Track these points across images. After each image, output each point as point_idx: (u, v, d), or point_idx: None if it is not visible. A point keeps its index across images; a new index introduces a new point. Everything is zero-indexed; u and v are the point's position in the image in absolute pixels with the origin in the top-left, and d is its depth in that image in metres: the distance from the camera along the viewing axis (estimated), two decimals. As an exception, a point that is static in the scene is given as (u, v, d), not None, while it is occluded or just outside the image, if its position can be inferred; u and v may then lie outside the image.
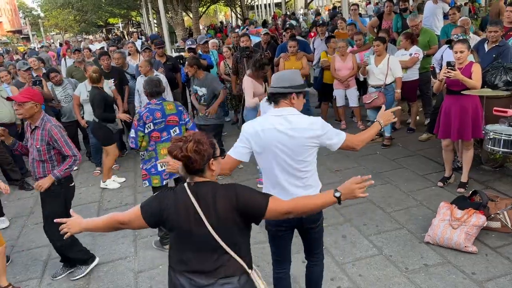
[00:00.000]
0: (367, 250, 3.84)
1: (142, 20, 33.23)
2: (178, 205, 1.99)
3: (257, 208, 2.01)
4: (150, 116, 3.96)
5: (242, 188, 2.04)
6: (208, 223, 1.96)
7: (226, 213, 1.97)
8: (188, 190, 2.00)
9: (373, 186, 5.08)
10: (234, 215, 1.98)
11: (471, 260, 3.52)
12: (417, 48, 6.20)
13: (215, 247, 1.99)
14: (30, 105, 3.45)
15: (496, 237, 3.79)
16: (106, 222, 2.16)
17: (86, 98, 6.18)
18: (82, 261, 3.96)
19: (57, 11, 37.80)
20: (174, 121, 4.07)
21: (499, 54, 5.12)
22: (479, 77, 4.36)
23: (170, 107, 4.08)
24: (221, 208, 1.96)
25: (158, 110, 3.99)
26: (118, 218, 2.12)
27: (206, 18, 37.98)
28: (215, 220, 1.96)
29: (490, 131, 3.76)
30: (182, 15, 18.72)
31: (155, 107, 4.00)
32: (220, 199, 1.98)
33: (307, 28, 15.92)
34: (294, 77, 2.52)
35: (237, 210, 1.98)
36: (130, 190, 5.82)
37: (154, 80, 4.15)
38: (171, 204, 2.00)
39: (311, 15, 22.83)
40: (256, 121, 2.57)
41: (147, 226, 2.07)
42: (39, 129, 3.53)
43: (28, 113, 3.47)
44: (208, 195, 1.98)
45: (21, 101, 3.42)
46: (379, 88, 6.07)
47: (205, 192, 1.99)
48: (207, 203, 1.97)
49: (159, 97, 4.10)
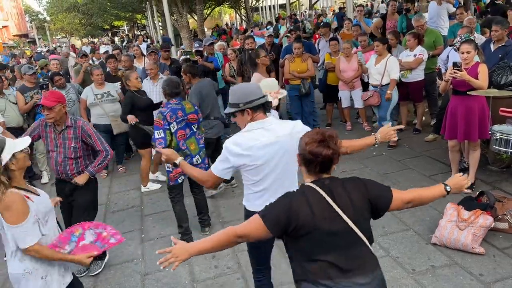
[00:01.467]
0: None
1: (147, 23, 33.37)
2: (313, 206, 1.89)
3: (385, 197, 1.99)
4: (173, 116, 4.05)
5: (366, 179, 2.05)
6: (347, 216, 1.89)
7: (361, 204, 1.94)
8: (317, 188, 1.93)
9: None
10: (367, 206, 1.96)
11: (479, 262, 3.51)
12: (422, 49, 6.20)
13: (357, 242, 1.92)
14: (59, 108, 3.54)
15: (503, 238, 3.77)
16: (219, 239, 1.99)
17: (93, 102, 6.23)
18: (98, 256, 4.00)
19: (63, 15, 38.02)
20: (194, 118, 4.23)
21: (505, 54, 5.11)
22: (486, 77, 4.35)
23: (189, 106, 4.23)
24: (356, 200, 1.93)
25: (179, 109, 4.10)
26: (236, 232, 1.97)
27: (210, 20, 38.05)
28: (353, 213, 1.91)
29: (497, 131, 3.74)
30: (187, 17, 18.78)
31: (176, 107, 4.10)
32: (353, 191, 1.95)
33: (311, 29, 15.90)
34: (243, 93, 2.50)
35: (369, 200, 1.96)
36: (136, 192, 5.85)
37: (174, 81, 4.25)
38: (304, 207, 1.89)
39: (313, 16, 22.81)
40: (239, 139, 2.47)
41: (269, 236, 1.94)
42: (70, 128, 3.64)
43: (58, 115, 3.57)
44: (339, 189, 1.94)
45: (51, 106, 3.50)
46: (376, 87, 6.13)
47: (336, 187, 1.95)
48: (341, 197, 1.92)
49: (178, 97, 4.20)
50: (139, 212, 5.26)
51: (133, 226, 4.88)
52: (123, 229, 4.79)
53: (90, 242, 2.64)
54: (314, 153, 1.89)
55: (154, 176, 6.07)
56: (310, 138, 1.94)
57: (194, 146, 4.24)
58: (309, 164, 1.95)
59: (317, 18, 20.11)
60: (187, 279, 3.80)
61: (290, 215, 1.89)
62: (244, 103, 2.46)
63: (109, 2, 26.67)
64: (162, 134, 4.03)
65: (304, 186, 1.99)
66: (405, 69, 6.18)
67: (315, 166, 1.94)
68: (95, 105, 6.25)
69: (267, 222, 1.91)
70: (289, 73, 6.85)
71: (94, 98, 6.24)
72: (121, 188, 6.01)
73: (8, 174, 2.40)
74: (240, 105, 2.47)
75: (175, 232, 4.62)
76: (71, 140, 3.65)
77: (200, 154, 4.30)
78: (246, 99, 2.46)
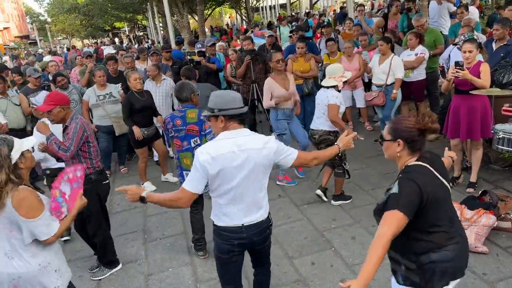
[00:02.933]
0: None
1: (148, 24, 33.40)
2: (430, 180, 2.08)
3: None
4: (170, 123, 3.90)
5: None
6: (448, 184, 2.17)
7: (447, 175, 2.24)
8: (425, 164, 2.12)
9: (382, 187, 5.08)
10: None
11: (482, 261, 3.50)
12: (423, 48, 6.19)
13: (451, 204, 2.22)
14: (57, 110, 3.55)
15: (506, 237, 3.77)
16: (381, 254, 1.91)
17: (95, 103, 6.25)
18: (108, 263, 4.03)
19: (64, 16, 38.13)
20: (194, 130, 3.87)
21: (507, 53, 5.11)
22: (488, 76, 4.35)
23: (192, 115, 3.87)
24: (445, 170, 2.24)
25: (179, 118, 3.88)
26: (389, 236, 1.93)
27: (211, 21, 38.08)
28: (446, 181, 2.18)
29: (499, 130, 3.74)
30: (187, 18, 18.80)
31: (177, 114, 3.91)
32: (441, 162, 2.27)
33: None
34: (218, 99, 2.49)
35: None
36: (139, 193, 5.84)
37: (181, 86, 3.99)
38: (427, 184, 2.04)
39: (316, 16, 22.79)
40: (210, 146, 2.46)
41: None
42: (68, 127, 3.62)
43: (58, 117, 3.58)
44: (436, 160, 2.21)
45: (47, 110, 3.52)
46: (381, 87, 6.10)
47: (433, 159, 2.19)
48: (440, 168, 2.17)
49: (187, 103, 3.94)
50: (141, 212, 5.27)
51: (136, 227, 4.89)
52: (126, 230, 4.80)
53: (71, 190, 2.72)
54: (434, 128, 2.13)
55: (164, 178, 6.08)
56: (416, 119, 2.13)
57: (189, 162, 3.87)
58: (415, 144, 2.14)
59: (318, 17, 20.10)
60: (190, 279, 3.80)
61: (421, 197, 2.01)
62: (219, 109, 2.46)
63: (110, 3, 26.70)
64: (166, 137, 3.97)
65: (415, 166, 2.12)
66: (407, 69, 6.18)
67: (420, 143, 2.15)
68: (97, 106, 6.27)
69: (408, 213, 1.98)
70: (292, 73, 6.84)
71: (96, 99, 6.25)
72: (123, 189, 6.03)
73: (17, 173, 2.43)
74: (215, 110, 2.47)
75: (178, 233, 4.64)
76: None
77: None
78: (222, 106, 2.45)
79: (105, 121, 6.30)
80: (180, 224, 4.83)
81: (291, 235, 4.27)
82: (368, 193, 4.96)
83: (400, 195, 2.00)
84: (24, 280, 2.50)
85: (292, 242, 4.14)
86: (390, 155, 2.24)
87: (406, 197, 1.99)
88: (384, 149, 2.26)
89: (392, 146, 2.18)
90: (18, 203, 2.37)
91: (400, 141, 2.14)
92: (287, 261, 3.88)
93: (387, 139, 2.20)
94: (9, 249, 2.47)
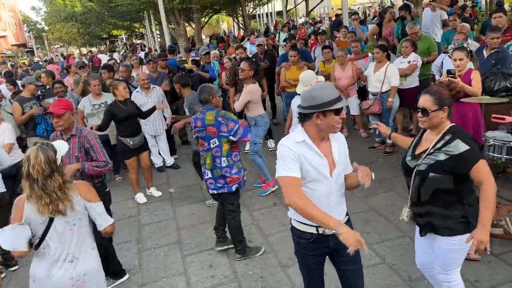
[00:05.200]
0: (370, 259, 3.84)
1: (145, 32, 33.51)
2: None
3: None
4: (193, 123, 4.07)
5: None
6: None
7: None
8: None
9: (376, 194, 5.09)
10: None
11: (474, 268, 3.52)
12: (416, 55, 6.24)
13: None
14: (68, 115, 3.59)
15: (499, 243, 3.78)
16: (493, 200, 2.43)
17: (90, 112, 6.26)
18: (113, 274, 4.00)
19: (61, 24, 38.21)
20: (212, 132, 3.94)
21: (498, 60, 5.14)
22: (479, 84, 4.40)
23: (210, 117, 3.96)
24: None
25: (199, 119, 4.01)
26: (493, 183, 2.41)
27: (208, 28, 38.24)
28: None
29: (490, 138, 3.77)
30: (184, 26, 18.88)
31: (199, 116, 4.05)
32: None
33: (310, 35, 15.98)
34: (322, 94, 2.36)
35: None
36: (134, 202, 5.85)
37: (202, 89, 4.09)
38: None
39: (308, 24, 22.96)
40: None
41: None
42: (75, 137, 3.65)
43: (68, 123, 3.63)
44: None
45: (61, 113, 3.55)
46: (376, 95, 6.13)
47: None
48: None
49: (207, 105, 4.05)
50: (136, 222, 5.26)
51: (130, 236, 4.88)
52: (120, 239, 4.79)
53: None
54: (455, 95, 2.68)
55: (148, 192, 6.02)
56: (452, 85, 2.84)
57: (209, 161, 4.01)
58: (452, 108, 2.52)
59: (313, 25, 20.22)
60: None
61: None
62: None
63: (107, 12, 26.75)
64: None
65: (457, 127, 2.54)
66: (400, 76, 6.21)
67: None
68: (93, 116, 6.27)
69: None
70: (285, 81, 6.89)
71: (92, 108, 6.26)
72: (118, 198, 6.01)
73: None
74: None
75: (172, 242, 4.63)
76: (75, 149, 3.64)
77: (213, 172, 4.00)
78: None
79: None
80: (174, 233, 4.83)
81: (286, 243, 4.27)
82: (361, 200, 4.97)
83: (472, 148, 2.40)
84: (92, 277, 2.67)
85: (287, 250, 4.14)
86: (434, 123, 2.52)
87: (477, 148, 2.44)
88: (427, 119, 2.53)
89: (438, 114, 2.49)
90: (85, 193, 2.60)
91: (446, 108, 2.49)
92: (281, 269, 3.88)
93: (433, 109, 2.48)
94: (91, 242, 2.69)
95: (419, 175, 2.57)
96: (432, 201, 2.57)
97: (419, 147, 2.68)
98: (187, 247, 4.48)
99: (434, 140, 2.54)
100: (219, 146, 3.94)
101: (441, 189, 2.52)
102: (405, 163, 2.71)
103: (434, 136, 2.56)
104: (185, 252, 4.39)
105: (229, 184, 3.98)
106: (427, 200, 2.59)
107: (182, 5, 16.09)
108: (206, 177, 4.10)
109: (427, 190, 2.56)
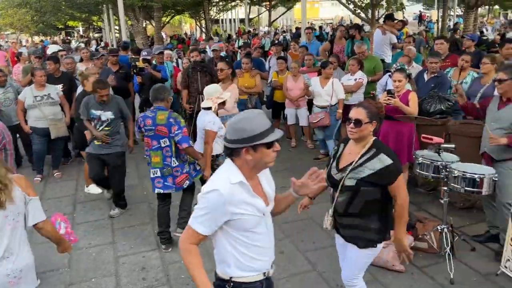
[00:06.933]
0: (302, 266, 3.93)
1: (103, 26, 32.54)
2: None
3: None
4: (142, 122, 4.11)
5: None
6: None
7: None
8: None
9: (315, 204, 5.19)
10: None
11: (398, 279, 3.69)
12: (362, 73, 6.50)
13: None
14: None
15: (423, 257, 3.99)
16: None
17: (32, 104, 5.99)
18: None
19: (14, 10, 36.30)
20: (163, 131, 4.01)
21: (437, 84, 5.45)
22: (416, 104, 4.66)
23: (161, 117, 4.02)
24: None
25: (149, 118, 4.06)
26: None
27: (170, 28, 37.77)
28: None
29: (419, 156, 3.99)
30: (143, 23, 18.56)
31: (148, 115, 4.10)
32: None
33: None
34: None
35: None
36: (70, 199, 5.65)
37: (155, 88, 4.15)
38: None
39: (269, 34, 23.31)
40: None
41: None
42: None
43: None
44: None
45: None
46: (325, 108, 6.31)
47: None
48: None
49: (161, 104, 4.07)
50: (70, 220, 5.06)
51: (63, 234, 4.70)
52: (52, 237, 4.60)
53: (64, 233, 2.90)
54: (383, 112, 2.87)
55: (86, 190, 5.81)
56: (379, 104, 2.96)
57: (158, 160, 4.10)
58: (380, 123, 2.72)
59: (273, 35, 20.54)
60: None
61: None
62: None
63: (64, 1, 25.80)
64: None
65: (379, 141, 2.73)
66: (346, 92, 6.44)
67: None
68: (34, 107, 6.01)
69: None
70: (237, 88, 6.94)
71: (33, 100, 5.99)
72: (54, 195, 5.79)
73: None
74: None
75: (106, 242, 4.51)
76: None
77: (163, 170, 4.11)
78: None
79: (41, 123, 6.04)
80: (109, 233, 4.71)
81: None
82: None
83: (395, 162, 2.57)
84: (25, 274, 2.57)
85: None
86: (365, 134, 2.65)
87: (399, 162, 2.64)
88: (359, 130, 2.63)
89: (368, 127, 2.62)
90: (25, 185, 2.51)
91: (375, 122, 2.64)
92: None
93: (366, 121, 2.60)
94: (26, 237, 2.57)
95: (350, 190, 2.63)
96: (360, 213, 2.65)
97: (342, 160, 2.74)
98: (121, 248, 4.39)
99: (359, 153, 2.63)
100: (170, 146, 4.07)
101: (370, 200, 2.62)
102: (331, 176, 2.76)
103: (359, 149, 2.66)
104: (119, 253, 4.29)
105: (177, 185, 4.17)
106: (355, 213, 2.67)
107: (143, 2, 15.84)
108: (153, 176, 4.17)
109: (359, 202, 2.64)
